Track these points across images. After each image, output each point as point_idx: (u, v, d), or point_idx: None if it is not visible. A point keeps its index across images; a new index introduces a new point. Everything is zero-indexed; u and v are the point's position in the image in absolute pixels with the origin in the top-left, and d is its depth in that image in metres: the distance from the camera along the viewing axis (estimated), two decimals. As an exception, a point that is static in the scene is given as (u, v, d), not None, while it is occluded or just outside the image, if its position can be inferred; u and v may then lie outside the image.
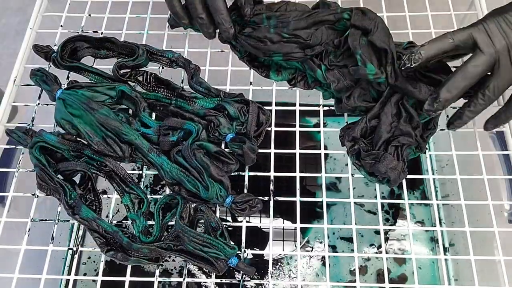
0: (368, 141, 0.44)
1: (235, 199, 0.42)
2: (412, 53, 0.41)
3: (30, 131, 0.47)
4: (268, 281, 0.42)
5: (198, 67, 0.51)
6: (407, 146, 0.43)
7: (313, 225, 0.75)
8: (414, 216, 0.73)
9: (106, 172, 0.45)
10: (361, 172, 0.44)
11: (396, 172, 0.41)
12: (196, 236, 0.40)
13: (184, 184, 0.43)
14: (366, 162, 0.43)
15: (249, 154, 0.43)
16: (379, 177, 0.43)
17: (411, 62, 0.40)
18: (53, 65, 0.51)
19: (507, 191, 0.55)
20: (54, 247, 0.44)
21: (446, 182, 0.73)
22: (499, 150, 0.53)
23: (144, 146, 0.45)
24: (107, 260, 0.45)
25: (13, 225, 0.46)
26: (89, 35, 0.52)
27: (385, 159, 0.41)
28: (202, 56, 0.52)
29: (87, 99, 0.46)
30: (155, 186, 0.79)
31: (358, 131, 0.44)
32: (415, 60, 0.40)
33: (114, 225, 0.43)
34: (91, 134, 0.45)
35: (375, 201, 0.45)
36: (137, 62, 0.50)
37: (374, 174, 0.43)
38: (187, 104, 0.48)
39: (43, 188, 0.44)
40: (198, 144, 0.44)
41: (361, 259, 0.72)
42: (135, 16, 0.56)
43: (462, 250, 0.68)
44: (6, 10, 1.18)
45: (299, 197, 0.45)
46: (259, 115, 0.46)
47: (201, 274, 0.70)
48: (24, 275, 0.43)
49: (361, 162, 0.43)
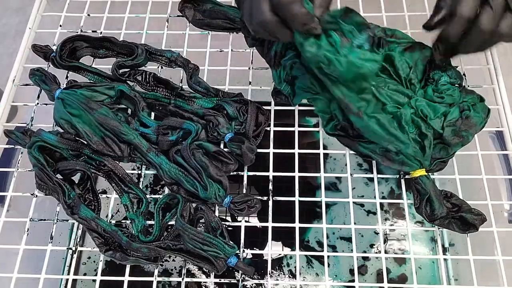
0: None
1: (233, 199, 0.42)
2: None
3: (28, 131, 0.47)
4: (267, 281, 0.42)
5: (197, 66, 0.51)
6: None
7: (312, 225, 0.75)
8: (414, 216, 0.73)
9: (105, 172, 0.45)
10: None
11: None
12: (196, 234, 0.40)
13: (182, 184, 0.43)
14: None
15: (248, 154, 0.43)
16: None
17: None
18: (52, 64, 0.51)
19: (507, 191, 0.55)
20: (53, 247, 0.44)
21: (446, 182, 0.73)
22: (499, 150, 0.53)
23: (143, 145, 0.45)
24: (107, 260, 0.45)
25: (12, 225, 0.46)
26: (88, 35, 0.52)
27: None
28: (201, 55, 0.52)
29: (86, 98, 0.46)
30: (155, 186, 0.79)
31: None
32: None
33: (113, 225, 0.43)
34: (90, 134, 0.45)
35: (374, 201, 0.45)
36: (136, 61, 0.50)
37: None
38: (186, 103, 0.48)
39: (42, 188, 0.44)
40: (197, 143, 0.44)
41: (361, 259, 0.72)
42: (134, 15, 0.56)
43: (462, 250, 0.68)
44: (6, 10, 1.18)
45: (298, 197, 0.45)
46: (258, 115, 0.46)
47: (200, 274, 0.70)
48: (23, 275, 0.43)
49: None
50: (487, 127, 0.45)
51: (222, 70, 0.52)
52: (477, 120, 0.43)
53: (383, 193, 0.77)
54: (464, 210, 0.42)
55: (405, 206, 0.45)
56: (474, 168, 0.46)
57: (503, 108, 0.49)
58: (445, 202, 0.42)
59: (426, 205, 0.42)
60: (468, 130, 0.43)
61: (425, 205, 0.42)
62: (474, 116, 0.43)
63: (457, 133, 0.43)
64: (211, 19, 0.53)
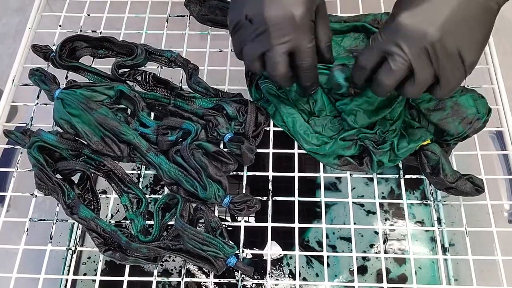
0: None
1: (233, 199, 0.42)
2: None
3: (28, 131, 0.47)
4: (267, 281, 0.42)
5: (196, 66, 0.50)
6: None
7: (312, 225, 0.75)
8: (414, 216, 0.73)
9: (105, 172, 0.45)
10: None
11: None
12: (196, 234, 0.40)
13: (182, 184, 0.43)
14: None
15: (247, 154, 0.43)
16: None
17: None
18: (52, 64, 0.51)
19: (507, 191, 0.55)
20: (52, 247, 0.44)
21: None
22: (499, 150, 0.53)
23: (142, 145, 0.44)
24: (106, 260, 0.45)
25: (12, 225, 0.46)
26: (88, 35, 0.52)
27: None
28: (200, 55, 0.52)
29: (86, 98, 0.46)
30: (154, 186, 0.79)
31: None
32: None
33: (113, 225, 0.43)
34: (90, 134, 0.45)
35: (373, 201, 0.45)
36: (136, 61, 0.50)
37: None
38: (185, 103, 0.48)
39: (42, 188, 0.44)
40: (197, 144, 0.44)
41: (361, 259, 0.72)
42: (134, 15, 0.56)
43: (462, 250, 0.68)
44: (6, 10, 1.18)
45: (297, 197, 0.44)
46: (257, 115, 0.46)
47: (200, 274, 0.70)
48: (23, 275, 0.43)
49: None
50: (487, 127, 0.45)
51: (221, 70, 0.52)
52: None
53: (383, 193, 0.77)
54: (466, 177, 0.43)
55: (405, 206, 0.45)
56: (474, 168, 0.46)
57: (503, 108, 0.49)
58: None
59: (439, 171, 0.43)
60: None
61: (438, 172, 0.43)
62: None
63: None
64: (215, 15, 0.54)
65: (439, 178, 0.42)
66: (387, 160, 0.44)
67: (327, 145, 0.44)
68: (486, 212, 0.44)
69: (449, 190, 0.43)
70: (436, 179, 0.43)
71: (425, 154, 0.44)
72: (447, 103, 0.44)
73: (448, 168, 0.42)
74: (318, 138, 0.45)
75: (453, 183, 0.42)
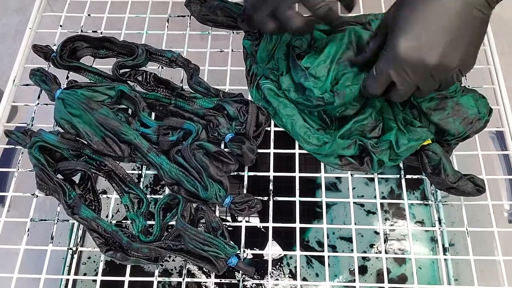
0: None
1: (234, 199, 0.42)
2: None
3: (29, 131, 0.47)
4: (268, 281, 0.42)
5: (197, 66, 0.51)
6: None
7: (312, 225, 0.75)
8: (414, 216, 0.73)
9: (106, 172, 0.45)
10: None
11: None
12: (197, 235, 0.40)
13: (183, 184, 0.43)
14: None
15: (248, 154, 0.43)
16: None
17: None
18: (53, 65, 0.51)
19: (507, 191, 0.55)
20: (53, 247, 0.44)
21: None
22: (499, 150, 0.53)
23: (143, 145, 0.45)
24: (107, 260, 0.45)
25: (13, 225, 0.46)
26: (89, 35, 0.52)
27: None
28: (201, 56, 0.52)
29: (87, 99, 0.46)
30: (155, 186, 0.79)
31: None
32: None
33: (114, 225, 0.43)
34: (91, 134, 0.45)
35: (374, 201, 0.45)
36: (137, 61, 0.50)
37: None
38: (186, 104, 0.48)
39: (43, 188, 0.44)
40: (198, 144, 0.44)
41: (361, 259, 0.72)
42: (135, 15, 0.56)
43: (462, 250, 0.68)
44: (6, 10, 1.18)
45: (298, 197, 0.45)
46: (258, 115, 0.46)
47: (201, 274, 0.70)
48: (23, 275, 0.43)
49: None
50: (487, 127, 0.45)
51: (222, 70, 0.52)
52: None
53: (383, 193, 0.77)
54: (467, 177, 0.43)
55: (405, 206, 0.45)
56: (474, 168, 0.46)
57: (503, 108, 0.49)
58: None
59: (440, 171, 0.43)
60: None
61: (439, 172, 0.43)
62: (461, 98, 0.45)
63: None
64: (216, 15, 0.54)
65: (441, 178, 0.42)
66: (387, 159, 0.44)
67: (327, 145, 0.44)
68: (486, 212, 0.44)
69: (450, 190, 0.43)
70: (437, 179, 0.43)
71: (426, 154, 0.44)
72: (448, 103, 0.44)
73: (449, 168, 0.43)
74: (319, 138, 0.45)
75: (455, 183, 0.42)
